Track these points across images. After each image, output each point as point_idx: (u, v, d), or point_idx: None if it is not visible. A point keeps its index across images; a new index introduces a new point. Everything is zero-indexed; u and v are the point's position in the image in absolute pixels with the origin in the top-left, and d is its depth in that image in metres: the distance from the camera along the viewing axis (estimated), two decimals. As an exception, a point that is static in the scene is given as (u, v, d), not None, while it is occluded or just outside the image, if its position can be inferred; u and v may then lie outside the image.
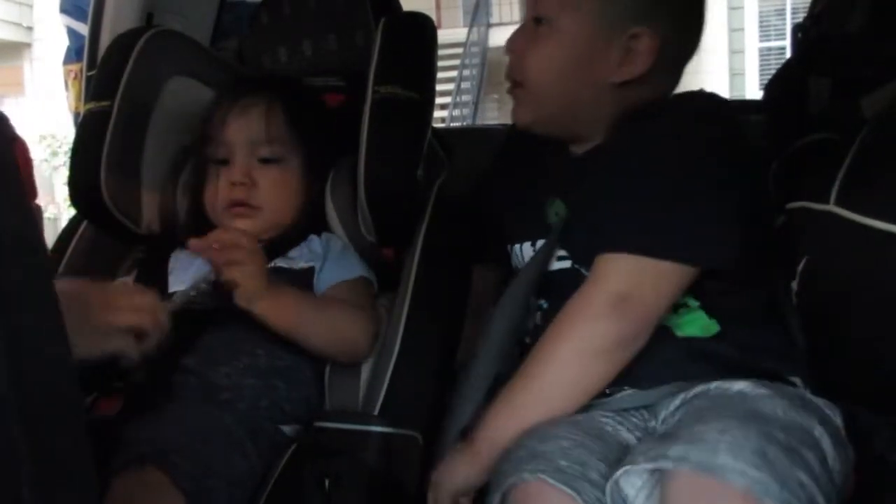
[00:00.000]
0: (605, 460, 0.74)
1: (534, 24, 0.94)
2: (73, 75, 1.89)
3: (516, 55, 0.95)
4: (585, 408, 0.85)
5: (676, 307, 0.86)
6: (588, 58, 0.91)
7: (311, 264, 1.06)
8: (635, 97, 0.92)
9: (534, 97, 0.95)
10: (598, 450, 0.75)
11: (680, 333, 0.85)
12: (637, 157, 0.86)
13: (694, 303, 0.86)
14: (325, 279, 1.05)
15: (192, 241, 0.94)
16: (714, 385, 0.79)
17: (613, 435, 0.80)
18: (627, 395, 0.84)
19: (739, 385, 0.77)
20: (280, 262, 1.05)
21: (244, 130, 1.08)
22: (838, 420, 0.78)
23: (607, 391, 0.85)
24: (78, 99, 1.73)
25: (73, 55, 1.93)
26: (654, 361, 0.84)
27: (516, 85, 0.96)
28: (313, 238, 1.09)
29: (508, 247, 1.01)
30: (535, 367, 0.82)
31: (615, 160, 0.89)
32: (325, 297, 1.04)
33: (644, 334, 0.81)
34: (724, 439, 0.66)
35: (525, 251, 0.97)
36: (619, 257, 0.82)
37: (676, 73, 0.97)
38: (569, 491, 0.69)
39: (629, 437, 0.80)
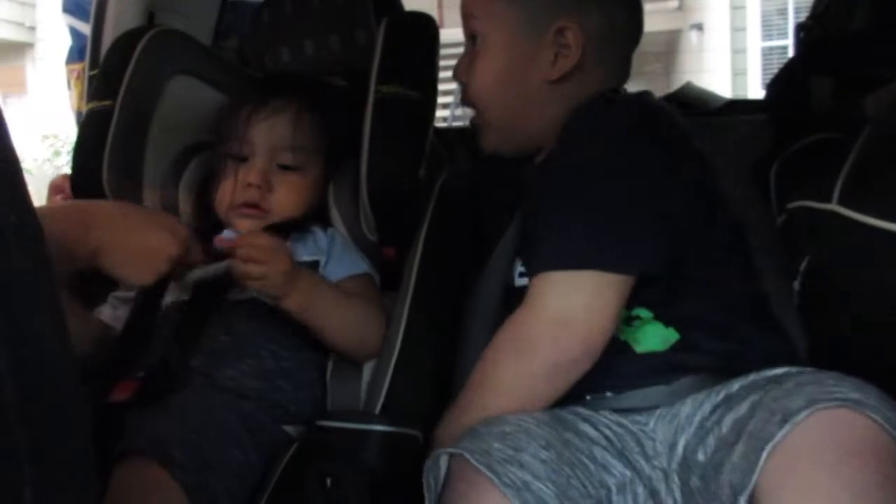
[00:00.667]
0: (548, 446, 0.73)
1: (471, 45, 0.97)
2: (75, 75, 1.89)
3: (463, 81, 0.98)
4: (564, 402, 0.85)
5: (630, 320, 0.85)
6: (521, 62, 0.93)
7: (315, 258, 1.05)
8: (579, 92, 0.92)
9: (488, 118, 0.97)
10: (543, 435, 0.75)
11: (639, 349, 0.84)
12: (554, 169, 0.88)
13: (647, 314, 0.85)
14: (332, 274, 1.04)
15: (219, 239, 0.95)
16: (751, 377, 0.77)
17: (572, 424, 0.80)
18: (610, 398, 0.84)
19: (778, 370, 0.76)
20: None
21: (270, 134, 1.07)
22: None
23: (588, 397, 0.84)
24: (80, 98, 1.73)
25: (75, 55, 1.93)
26: (623, 379, 0.84)
27: (476, 112, 0.99)
28: (317, 231, 1.09)
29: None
30: (479, 382, 0.83)
31: (543, 172, 0.91)
32: (339, 288, 1.04)
33: (587, 356, 0.80)
34: (845, 383, 0.66)
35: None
36: (546, 277, 0.81)
37: (619, 64, 0.98)
38: (487, 473, 0.69)
39: (592, 432, 0.79)
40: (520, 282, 0.94)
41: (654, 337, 0.84)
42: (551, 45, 0.92)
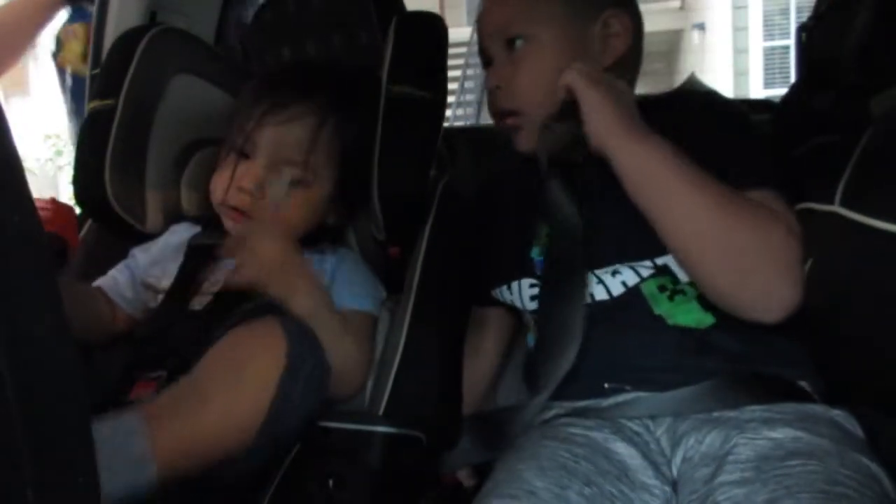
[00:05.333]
0: (589, 482, 0.73)
1: (507, 50, 0.98)
2: (71, 34, 1.84)
3: (503, 86, 0.99)
4: (582, 412, 0.85)
5: (673, 294, 0.86)
6: (574, 57, 0.94)
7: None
8: (619, 76, 0.96)
9: (534, 117, 0.96)
10: (582, 470, 0.75)
11: (672, 322, 0.85)
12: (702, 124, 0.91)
13: (691, 291, 0.86)
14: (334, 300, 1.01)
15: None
16: (743, 432, 0.75)
17: (603, 447, 0.79)
18: (630, 401, 0.84)
19: (777, 433, 0.74)
20: None
21: (279, 142, 1.00)
22: (859, 431, 0.77)
23: (606, 385, 0.85)
24: (76, 57, 1.71)
25: (75, 17, 1.88)
26: (651, 352, 0.84)
27: (510, 114, 0.99)
28: (326, 252, 1.06)
29: (498, 290, 1.02)
30: (731, 208, 0.80)
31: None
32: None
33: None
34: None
35: (515, 289, 0.99)
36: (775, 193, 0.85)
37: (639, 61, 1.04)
38: None
39: (625, 451, 0.79)
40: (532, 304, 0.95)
41: (689, 315, 0.85)
42: (599, 35, 0.96)
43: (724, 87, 7.64)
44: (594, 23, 0.96)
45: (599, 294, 0.89)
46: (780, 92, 1.07)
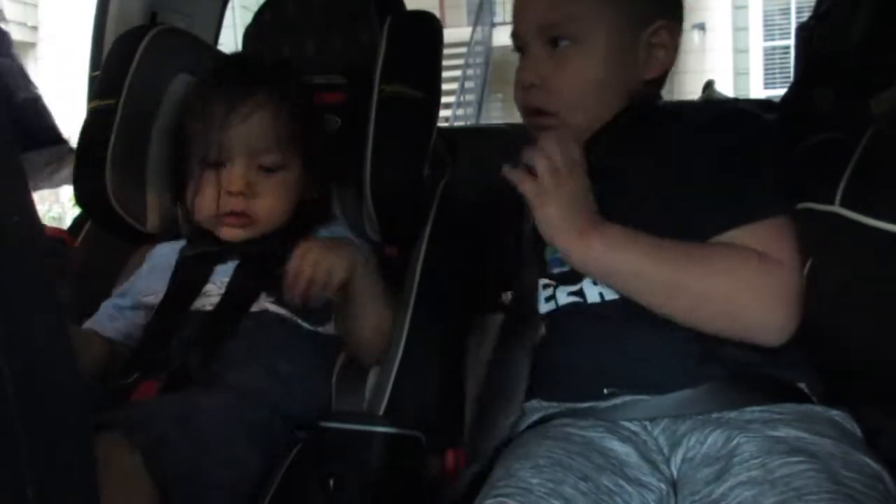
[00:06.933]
0: (585, 477, 0.73)
1: (548, 47, 0.94)
2: None
3: (539, 84, 0.94)
4: (579, 413, 0.85)
5: None
6: (621, 64, 0.93)
7: None
8: (656, 88, 0.97)
9: (570, 121, 0.93)
10: (577, 466, 0.75)
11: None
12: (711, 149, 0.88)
13: None
14: None
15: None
16: (745, 431, 0.76)
17: (599, 445, 0.79)
18: (628, 403, 0.83)
19: (780, 432, 0.74)
20: None
21: (248, 137, 1.02)
22: (859, 431, 0.77)
23: (605, 391, 0.85)
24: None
25: None
26: (655, 355, 0.84)
27: (541, 114, 0.94)
28: (321, 232, 1.08)
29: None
30: (696, 268, 0.81)
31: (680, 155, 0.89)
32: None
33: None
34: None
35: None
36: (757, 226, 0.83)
37: None
38: None
39: (620, 448, 0.79)
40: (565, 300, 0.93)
41: None
42: (646, 46, 0.93)
43: (725, 87, 7.63)
44: (644, 32, 0.92)
45: (609, 294, 0.88)
46: (780, 92, 1.06)
